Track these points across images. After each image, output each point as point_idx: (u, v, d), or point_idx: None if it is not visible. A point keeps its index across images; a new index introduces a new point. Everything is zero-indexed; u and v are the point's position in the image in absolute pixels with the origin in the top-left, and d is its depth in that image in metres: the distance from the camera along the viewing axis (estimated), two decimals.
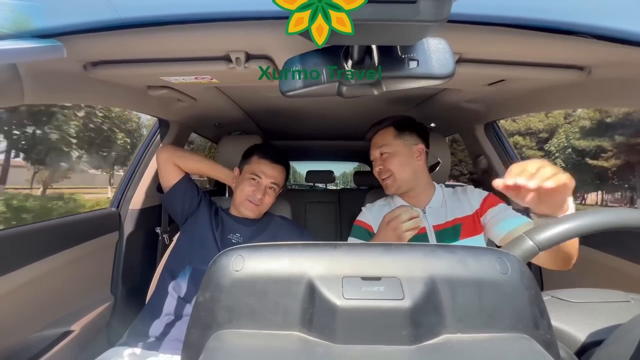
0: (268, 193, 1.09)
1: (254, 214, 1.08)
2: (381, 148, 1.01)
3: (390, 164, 0.98)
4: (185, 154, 1.15)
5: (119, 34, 0.58)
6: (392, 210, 0.83)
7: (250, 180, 1.08)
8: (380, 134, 1.03)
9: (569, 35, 0.56)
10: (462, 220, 0.93)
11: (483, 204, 0.94)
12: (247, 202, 1.07)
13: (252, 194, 1.06)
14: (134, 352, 0.84)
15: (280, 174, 1.12)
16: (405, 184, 0.98)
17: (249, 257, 0.33)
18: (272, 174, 1.09)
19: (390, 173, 0.98)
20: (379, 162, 1.01)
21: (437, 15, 0.33)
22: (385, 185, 1.00)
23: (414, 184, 0.99)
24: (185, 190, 1.11)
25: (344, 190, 2.37)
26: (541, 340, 0.31)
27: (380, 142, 1.02)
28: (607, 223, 0.41)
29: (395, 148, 0.99)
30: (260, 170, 1.08)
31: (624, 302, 0.43)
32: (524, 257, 0.39)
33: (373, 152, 1.04)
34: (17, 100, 0.64)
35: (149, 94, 0.95)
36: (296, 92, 0.50)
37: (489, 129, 1.41)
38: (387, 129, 1.02)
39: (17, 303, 0.82)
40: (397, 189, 0.98)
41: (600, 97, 0.81)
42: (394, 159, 0.98)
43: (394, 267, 0.33)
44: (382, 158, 1.00)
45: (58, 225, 0.95)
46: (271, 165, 1.10)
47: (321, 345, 0.30)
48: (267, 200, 1.09)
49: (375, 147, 1.04)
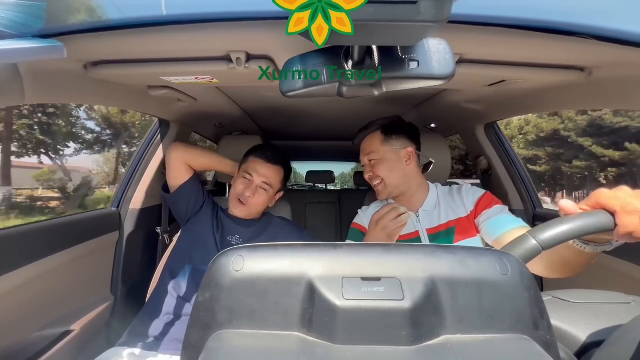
0: (258, 192, 1.06)
1: (242, 214, 1.07)
2: (369, 155, 0.99)
3: (379, 171, 0.96)
4: (196, 151, 1.14)
5: (119, 34, 0.58)
6: (380, 209, 0.83)
7: (243, 178, 1.08)
8: (368, 140, 1.02)
9: (570, 36, 0.56)
10: (455, 223, 0.92)
11: (477, 205, 0.92)
12: (235, 201, 1.07)
13: (241, 192, 1.05)
14: (134, 352, 0.84)
15: (275, 174, 1.10)
16: (397, 189, 0.97)
17: (249, 257, 0.33)
18: (265, 173, 1.07)
19: (380, 179, 0.96)
20: (368, 168, 1.00)
21: (437, 15, 0.33)
22: (377, 191, 0.99)
23: (406, 188, 0.97)
24: (192, 191, 1.11)
25: (344, 191, 2.37)
26: (541, 341, 0.31)
27: (368, 148, 1.00)
28: (610, 224, 0.41)
29: (382, 154, 0.97)
30: (253, 168, 1.07)
31: (624, 304, 0.43)
32: (527, 256, 0.39)
33: (362, 158, 1.03)
34: (17, 100, 0.64)
35: (149, 94, 0.95)
36: (296, 92, 0.50)
37: (489, 129, 1.41)
38: (374, 134, 1.00)
39: (17, 303, 0.82)
40: (389, 194, 0.97)
41: (601, 98, 0.81)
42: (382, 165, 0.96)
43: (394, 267, 0.33)
44: (371, 164, 0.99)
45: (58, 225, 0.95)
46: (265, 165, 1.08)
47: (321, 345, 0.30)
48: (256, 201, 1.06)
49: (363, 153, 1.02)
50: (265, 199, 1.09)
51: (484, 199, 0.93)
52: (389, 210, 0.80)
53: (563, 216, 0.44)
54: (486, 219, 0.88)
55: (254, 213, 1.10)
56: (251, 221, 1.11)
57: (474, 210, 0.92)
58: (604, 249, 0.51)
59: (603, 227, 0.41)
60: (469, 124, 1.41)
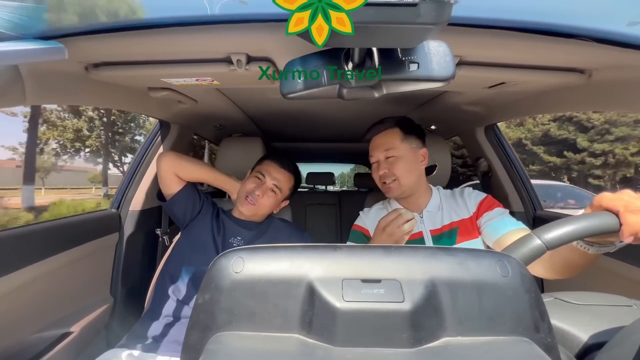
0: (267, 194, 1.08)
1: (250, 213, 1.08)
2: (388, 151, 0.95)
3: (396, 168, 0.93)
4: (187, 163, 1.08)
5: (120, 36, 0.58)
6: (386, 215, 0.81)
7: (255, 178, 1.09)
8: (385, 135, 0.98)
9: (570, 39, 0.56)
10: (458, 224, 0.92)
11: (479, 207, 0.92)
12: (244, 199, 1.07)
13: (252, 191, 1.06)
14: (133, 354, 0.84)
15: (286, 180, 1.12)
16: (409, 189, 0.95)
17: (249, 259, 0.33)
18: (277, 176, 1.10)
19: (395, 177, 0.93)
20: (384, 165, 0.96)
21: (437, 18, 0.34)
22: (388, 189, 0.96)
23: (416, 189, 0.96)
24: (187, 198, 1.09)
25: (345, 192, 2.37)
26: (542, 343, 0.31)
27: (387, 144, 0.96)
28: (615, 225, 0.41)
29: (402, 152, 0.94)
30: (266, 170, 1.10)
31: (626, 307, 0.43)
32: (531, 255, 0.39)
33: (376, 154, 0.98)
34: (18, 101, 0.64)
35: (150, 95, 0.95)
36: (297, 94, 0.50)
37: (489, 131, 1.41)
38: (392, 130, 0.97)
39: (17, 304, 0.82)
40: (400, 193, 0.95)
41: (601, 100, 0.81)
42: (400, 163, 0.94)
43: (394, 269, 0.33)
44: (388, 161, 0.95)
45: (58, 226, 0.95)
46: (279, 169, 1.11)
47: (321, 347, 0.30)
48: (265, 202, 1.07)
49: (379, 148, 0.97)
50: (273, 202, 1.10)
51: (485, 201, 0.93)
52: (395, 217, 0.79)
53: (569, 217, 0.44)
54: (487, 221, 0.88)
55: (259, 214, 1.11)
56: (253, 223, 1.11)
57: (476, 212, 0.92)
58: (607, 250, 0.51)
59: (608, 228, 0.41)
60: (469, 125, 1.41)
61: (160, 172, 1.07)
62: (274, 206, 1.12)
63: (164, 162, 1.06)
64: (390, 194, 0.96)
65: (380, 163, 0.98)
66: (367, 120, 1.06)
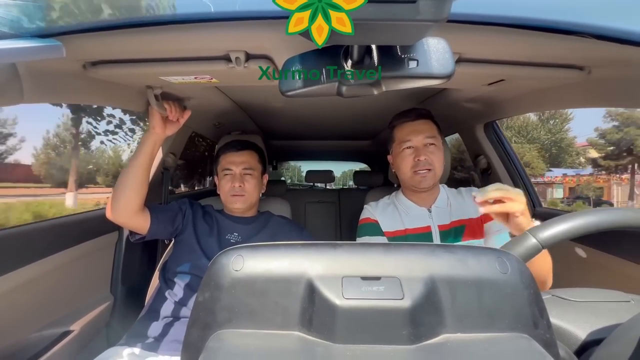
0: (246, 179, 1.08)
1: (243, 205, 1.08)
2: (429, 138, 0.93)
3: (435, 158, 0.92)
4: (117, 185, 0.93)
5: (118, 34, 0.58)
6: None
7: (224, 176, 1.09)
8: (426, 123, 0.96)
9: (569, 35, 0.56)
10: (466, 222, 0.93)
11: None
12: (230, 197, 1.07)
13: (230, 187, 1.06)
14: (133, 352, 0.84)
15: (250, 158, 1.11)
16: (436, 182, 0.95)
17: (249, 256, 0.33)
18: (240, 160, 1.09)
19: (431, 167, 0.92)
20: (423, 151, 0.92)
21: (436, 15, 0.33)
22: (422, 178, 0.92)
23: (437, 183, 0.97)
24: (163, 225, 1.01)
25: (344, 190, 2.38)
26: (541, 339, 0.31)
27: (430, 131, 0.94)
28: (611, 222, 0.41)
29: (440, 143, 0.95)
30: (228, 162, 1.09)
31: (624, 302, 0.43)
32: (527, 254, 0.39)
33: (415, 139, 0.93)
34: (16, 100, 0.64)
35: (148, 93, 0.95)
36: (296, 92, 0.50)
37: (488, 128, 1.41)
38: (428, 120, 0.96)
39: (17, 303, 0.82)
40: (433, 184, 0.94)
41: (600, 96, 0.81)
42: (438, 153, 0.93)
43: (394, 266, 0.33)
44: (428, 149, 0.93)
45: (58, 225, 0.95)
46: (236, 154, 1.10)
47: (321, 345, 0.30)
48: (249, 187, 1.07)
49: (420, 133, 0.93)
50: (256, 182, 1.10)
51: None
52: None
53: (564, 214, 0.44)
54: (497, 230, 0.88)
55: (252, 203, 1.11)
56: (249, 218, 1.11)
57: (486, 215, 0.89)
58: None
59: (607, 226, 0.41)
60: (469, 123, 1.41)
61: (121, 223, 0.99)
62: (259, 186, 1.12)
63: (110, 214, 0.94)
64: (423, 183, 0.93)
65: (418, 149, 0.93)
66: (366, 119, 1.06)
